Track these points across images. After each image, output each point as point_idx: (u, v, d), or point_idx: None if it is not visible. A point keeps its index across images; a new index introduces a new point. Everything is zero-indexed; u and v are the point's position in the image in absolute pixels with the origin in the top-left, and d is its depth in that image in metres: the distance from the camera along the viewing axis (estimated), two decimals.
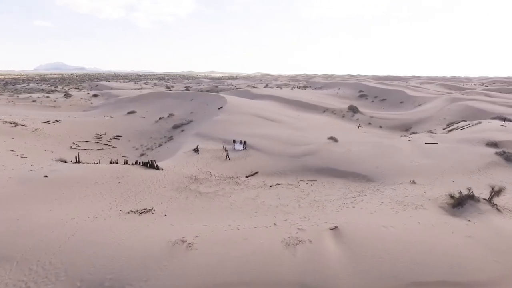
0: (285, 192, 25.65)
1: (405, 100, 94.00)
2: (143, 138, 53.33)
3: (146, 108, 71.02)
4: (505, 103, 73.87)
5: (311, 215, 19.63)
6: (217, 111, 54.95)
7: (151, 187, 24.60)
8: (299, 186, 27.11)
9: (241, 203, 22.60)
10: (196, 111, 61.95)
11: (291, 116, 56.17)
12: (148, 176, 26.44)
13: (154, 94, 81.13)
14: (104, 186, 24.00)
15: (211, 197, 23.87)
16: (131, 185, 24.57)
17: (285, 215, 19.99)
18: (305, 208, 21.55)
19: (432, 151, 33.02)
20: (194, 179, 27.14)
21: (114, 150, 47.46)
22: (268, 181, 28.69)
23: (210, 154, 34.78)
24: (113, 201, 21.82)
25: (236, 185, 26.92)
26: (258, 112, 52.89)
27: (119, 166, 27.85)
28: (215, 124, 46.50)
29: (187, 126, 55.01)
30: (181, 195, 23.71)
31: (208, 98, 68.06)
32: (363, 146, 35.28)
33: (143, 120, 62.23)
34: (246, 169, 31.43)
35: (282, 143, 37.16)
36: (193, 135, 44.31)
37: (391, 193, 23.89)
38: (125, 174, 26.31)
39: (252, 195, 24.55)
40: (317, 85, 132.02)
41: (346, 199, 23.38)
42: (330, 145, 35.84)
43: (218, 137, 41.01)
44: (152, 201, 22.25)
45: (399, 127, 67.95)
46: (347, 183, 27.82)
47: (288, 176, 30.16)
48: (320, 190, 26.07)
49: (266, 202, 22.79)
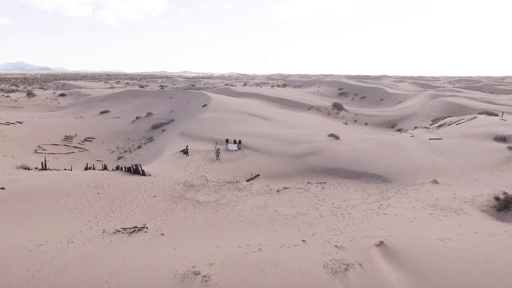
0: (296, 197, 22.05)
1: (385, 98, 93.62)
2: (119, 140, 47.93)
3: (121, 107, 65.08)
4: (483, 99, 74.77)
5: (341, 227, 16.14)
6: (201, 109, 50.50)
7: (138, 198, 20.12)
8: (310, 190, 23.62)
9: (251, 214, 18.72)
10: (177, 110, 57.08)
11: (280, 113, 52.81)
12: (134, 184, 21.90)
13: (129, 92, 74.99)
14: (80, 198, 19.27)
15: (213, 207, 19.79)
16: (114, 196, 19.97)
17: (309, 228, 16.38)
18: (329, 217, 18.05)
19: (440, 147, 30.71)
20: (189, 186, 22.90)
21: (86, 153, 41.87)
22: (273, 185, 24.99)
23: (201, 155, 30.53)
24: (93, 217, 17.23)
25: (238, 191, 22.99)
26: (246, 110, 49.02)
27: (97, 173, 23.06)
28: (201, 123, 42.13)
29: (168, 125, 50.17)
30: (177, 206, 19.44)
31: (189, 96, 63.28)
32: (367, 143, 32.44)
33: (118, 120, 56.52)
34: (244, 171, 27.53)
35: (280, 141, 33.59)
36: (177, 135, 39.72)
37: (417, 195, 20.96)
38: (105, 182, 21.61)
39: (261, 203, 20.74)
40: (296, 84, 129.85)
41: (369, 204, 20.15)
42: (333, 143, 32.71)
43: (206, 137, 36.77)
44: (143, 216, 17.86)
45: (384, 123, 66.56)
46: (361, 185, 24.68)
47: (293, 179, 26.61)
48: (335, 194, 22.72)
49: (280, 211, 19.06)
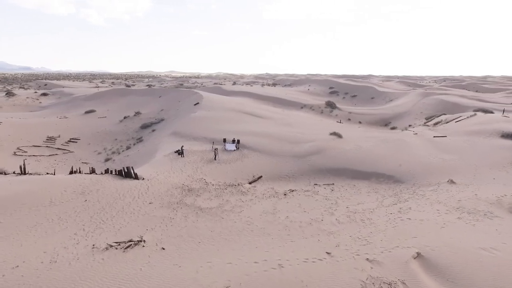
0: (306, 201, 20.11)
1: (376, 96, 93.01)
2: (106, 140, 45.01)
3: (107, 106, 61.81)
4: (474, 97, 74.87)
5: (365, 235, 14.28)
6: (193, 108, 48.05)
7: (132, 205, 17.75)
8: (319, 193, 21.73)
9: (260, 221, 16.65)
10: (167, 109, 54.38)
11: (275, 112, 50.88)
12: (126, 189, 19.48)
13: (116, 91, 71.63)
14: (65, 207, 16.78)
15: (217, 214, 17.62)
16: (104, 204, 17.55)
17: (330, 237, 14.45)
18: (348, 223, 16.17)
19: (447, 145, 29.40)
20: (187, 190, 20.63)
21: (71, 155, 38.90)
22: (278, 187, 23.00)
23: (198, 156, 28.25)
24: (80, 230, 14.83)
25: (242, 195, 20.87)
26: (240, 108, 46.87)
27: (84, 177, 20.52)
28: (195, 122, 39.74)
29: (158, 125, 47.50)
30: (177, 214, 17.18)
31: (179, 94, 60.61)
32: (371, 142, 30.85)
33: (104, 120, 53.40)
34: (245, 173, 25.44)
35: (280, 141, 31.61)
36: (169, 135, 37.23)
37: (437, 196, 19.35)
38: (93, 187, 19.13)
39: (269, 208, 18.70)
40: (286, 83, 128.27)
41: (387, 207, 18.40)
42: (336, 141, 30.97)
43: (201, 136, 34.45)
44: (139, 226, 15.55)
45: (378, 122, 65.58)
46: (372, 186, 22.96)
47: (298, 180, 24.69)
48: (347, 197, 20.90)
49: (292, 218, 17.06)
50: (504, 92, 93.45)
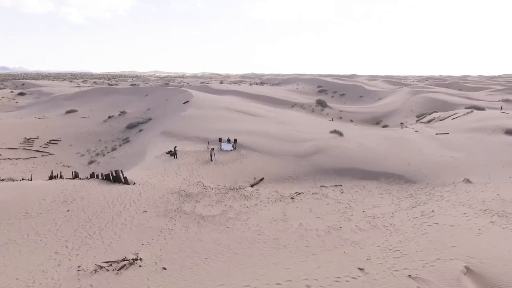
0: (316, 205, 18.21)
1: (365, 95, 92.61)
2: (90, 142, 41.96)
3: (90, 106, 58.35)
4: (462, 95, 75.33)
5: (395, 245, 12.50)
6: (183, 106, 45.50)
7: (123, 215, 15.37)
8: (328, 195, 19.89)
9: (272, 230, 14.62)
10: (155, 108, 51.55)
11: (268, 110, 48.93)
12: (116, 196, 17.05)
13: (99, 90, 67.98)
14: (44, 219, 14.27)
15: (222, 222, 15.47)
16: (91, 214, 15.10)
17: (356, 248, 12.58)
18: (370, 230, 14.36)
19: (452, 142, 28.21)
20: (185, 196, 18.35)
21: (51, 158, 35.79)
22: (282, 190, 21.03)
23: (192, 157, 25.94)
24: (62, 247, 12.41)
25: (245, 200, 18.78)
26: (233, 106, 44.68)
27: (66, 183, 17.94)
28: (185, 121, 37.30)
29: (145, 125, 44.74)
30: (176, 224, 14.92)
31: (167, 93, 57.82)
32: (373, 140, 29.32)
33: (87, 120, 50.11)
34: (245, 175, 23.34)
35: (278, 140, 29.67)
36: (159, 134, 34.67)
37: (457, 197, 17.86)
38: (77, 195, 16.61)
39: (278, 214, 16.69)
40: (274, 82, 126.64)
41: (407, 210, 16.74)
42: (338, 140, 29.28)
43: (193, 136, 32.10)
44: (132, 241, 13.22)
45: (369, 120, 64.77)
46: (383, 186, 21.32)
47: (303, 182, 22.79)
48: (360, 199, 19.14)
49: (306, 225, 15.11)
50: (488, 91, 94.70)
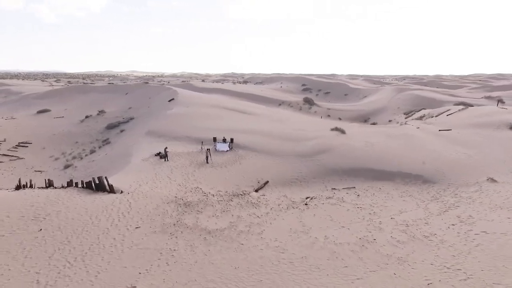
0: (336, 212, 15.86)
1: (349, 93, 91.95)
2: (65, 144, 37.87)
3: (65, 105, 53.65)
4: (446, 92, 75.79)
5: (450, 261, 10.32)
6: (168, 104, 42.16)
7: (112, 233, 12.35)
8: (344, 200, 17.60)
9: (295, 246, 12.08)
10: (137, 106, 47.77)
11: (260, 108, 46.39)
12: (100, 208, 13.96)
13: (75, 88, 63.04)
14: (7, 243, 11.07)
15: (232, 238, 12.77)
16: (70, 234, 12.00)
17: (405, 267, 10.28)
18: (411, 242, 12.11)
19: (461, 139, 26.76)
20: (183, 205, 15.48)
21: (20, 163, 31.67)
22: (291, 194, 18.57)
23: (185, 159, 23.00)
24: (32, 283, 9.34)
25: (253, 208, 16.15)
26: (222, 104, 41.81)
27: (38, 194, 14.63)
28: (173, 120, 34.14)
29: (127, 124, 41.05)
30: (178, 243, 12.08)
31: (149, 91, 54.06)
32: (378, 137, 27.41)
33: (62, 120, 45.70)
34: (247, 178, 20.69)
35: (277, 138, 27.20)
36: (144, 135, 31.36)
37: (489, 199, 16.04)
38: (51, 209, 13.41)
39: (295, 225, 14.18)
40: (257, 80, 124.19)
41: (439, 216, 14.69)
42: (341, 138, 27.15)
43: (184, 136, 29.08)
44: (126, 269, 10.30)
45: (357, 118, 63.59)
46: (400, 188, 19.29)
47: (311, 184, 20.42)
48: (380, 203, 16.95)
49: (333, 238, 12.69)
50: (466, 88, 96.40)
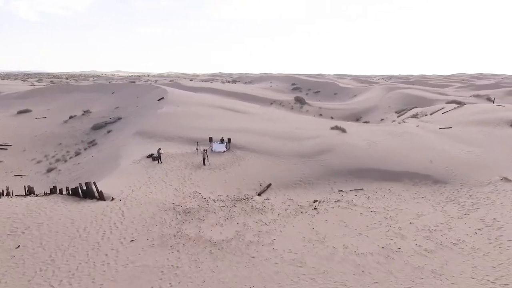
0: (348, 216, 14.58)
1: (339, 92, 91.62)
2: (48, 145, 35.50)
3: (47, 105, 50.85)
4: (435, 90, 76.16)
5: (492, 274, 9.17)
6: (157, 103, 40.21)
7: (103, 248, 10.67)
8: (355, 203, 16.36)
9: (313, 258, 10.71)
10: (124, 106, 45.52)
11: (254, 107, 44.93)
12: (89, 219, 12.22)
13: (58, 88, 60.07)
14: None
15: (241, 250, 11.29)
16: (54, 251, 10.26)
17: (443, 281, 9.05)
18: (440, 251, 10.93)
19: (461, 136, 26.06)
20: (183, 213, 13.89)
21: None
22: (296, 197, 17.21)
23: (180, 161, 21.33)
24: None
25: (259, 214, 14.70)
26: (214, 103, 40.16)
27: (16, 203, 12.75)
28: (164, 119, 32.31)
29: (114, 125, 38.88)
30: (181, 258, 10.51)
31: (137, 90, 51.83)
32: (380, 136, 26.41)
33: (44, 121, 43.09)
34: (248, 181, 19.21)
35: (276, 138, 25.83)
36: (133, 135, 29.45)
37: (509, 200, 15.10)
38: (32, 220, 11.60)
39: (308, 233, 12.81)
40: (246, 80, 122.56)
41: (461, 219, 13.61)
42: (342, 137, 26.01)
43: (176, 136, 27.37)
44: None
45: (349, 117, 62.99)
46: (410, 189, 18.20)
47: (316, 186, 19.12)
48: (394, 206, 15.78)
49: (353, 248, 11.38)
50: (452, 87, 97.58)
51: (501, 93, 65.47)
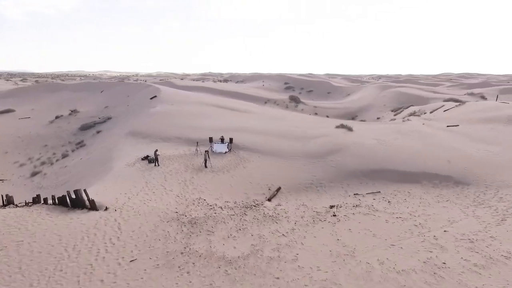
0: (373, 224, 13.00)
1: (332, 91, 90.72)
2: (33, 147, 33.07)
3: (32, 105, 47.98)
4: (429, 89, 75.87)
5: None
6: (150, 102, 38.07)
7: (97, 272, 8.75)
8: (376, 208, 14.80)
9: (348, 279, 9.05)
10: (114, 105, 43.16)
11: (251, 106, 43.17)
12: (79, 234, 10.28)
13: (43, 86, 57.06)
14: None
15: (262, 269, 9.55)
16: (35, 277, 8.28)
17: None
18: (494, 268, 9.44)
19: (472, 134, 24.94)
20: (189, 223, 12.05)
21: None
22: (310, 203, 15.57)
23: (179, 163, 19.42)
24: None
25: (273, 222, 12.99)
26: (212, 102, 38.24)
27: None
28: (158, 118, 30.27)
29: (104, 125, 36.62)
30: (193, 282, 8.68)
31: (127, 88, 49.43)
32: (388, 135, 25.01)
33: (28, 122, 40.44)
34: (255, 184, 17.48)
35: (280, 137, 24.16)
36: (125, 135, 27.36)
37: None
38: (10, 239, 9.59)
39: (332, 244, 11.17)
40: (238, 79, 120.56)
41: (501, 225, 12.18)
42: (349, 136, 24.53)
43: (173, 136, 25.43)
44: None
45: (345, 115, 62.06)
46: (431, 191, 16.75)
47: (330, 189, 17.52)
48: (421, 211, 14.27)
49: (390, 263, 9.79)
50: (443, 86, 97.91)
51: (495, 91, 65.38)
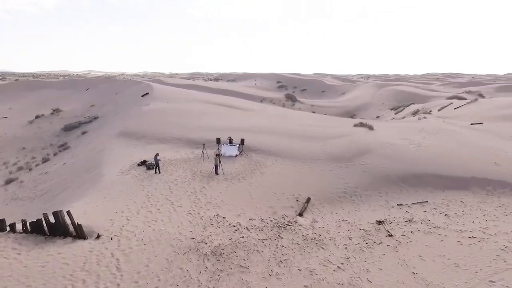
0: (443, 247, 10.12)
1: (326, 89, 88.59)
2: (9, 150, 29.08)
3: (9, 103, 43.47)
4: (425, 87, 74.56)
5: None
6: (142, 100, 34.41)
7: None
8: (436, 224, 11.93)
9: None
10: (101, 103, 39.24)
11: (250, 104, 40.03)
12: (60, 282, 6.96)
13: (22, 84, 52.24)
14: None
15: None
16: None
17: None
18: None
19: (505, 133, 22.58)
20: (212, 255, 8.81)
21: None
22: (348, 217, 12.62)
23: (183, 169, 16.09)
24: None
25: (317, 248, 9.94)
26: (210, 99, 34.88)
27: None
28: (151, 117, 26.76)
29: (90, 125, 32.81)
30: None
31: (115, 85, 45.44)
32: (414, 134, 22.35)
33: (4, 122, 36.18)
34: (278, 194, 14.35)
35: (294, 138, 21.15)
36: (115, 136, 23.76)
37: None
38: None
39: (412, 282, 8.21)
40: (229, 77, 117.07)
41: None
42: (374, 135, 21.73)
43: (171, 137, 22.05)
44: None
45: (343, 114, 59.77)
46: (487, 200, 14.06)
47: (366, 199, 14.58)
48: (492, 228, 11.49)
49: None
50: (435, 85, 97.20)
51: (492, 89, 64.47)
